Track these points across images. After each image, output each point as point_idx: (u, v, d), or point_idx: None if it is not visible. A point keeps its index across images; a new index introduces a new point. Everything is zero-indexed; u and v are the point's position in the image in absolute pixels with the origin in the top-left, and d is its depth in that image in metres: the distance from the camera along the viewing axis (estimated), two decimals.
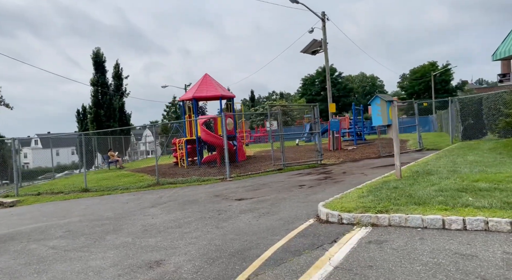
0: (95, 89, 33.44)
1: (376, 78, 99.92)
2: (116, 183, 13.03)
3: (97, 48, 34.19)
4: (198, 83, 15.75)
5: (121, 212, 7.94)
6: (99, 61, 33.93)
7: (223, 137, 11.42)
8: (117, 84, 37.88)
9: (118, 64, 38.28)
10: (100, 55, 33.98)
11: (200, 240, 4.61)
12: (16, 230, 7.16)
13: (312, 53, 18.30)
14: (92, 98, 33.39)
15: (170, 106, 46.46)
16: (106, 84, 34.47)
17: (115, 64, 38.05)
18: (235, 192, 8.60)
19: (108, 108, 33.85)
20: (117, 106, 35.03)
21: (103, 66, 34.60)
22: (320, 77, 68.10)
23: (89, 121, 34.19)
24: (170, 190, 10.65)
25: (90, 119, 33.78)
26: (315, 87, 69.74)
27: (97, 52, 33.80)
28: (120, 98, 37.85)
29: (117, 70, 38.07)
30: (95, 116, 33.30)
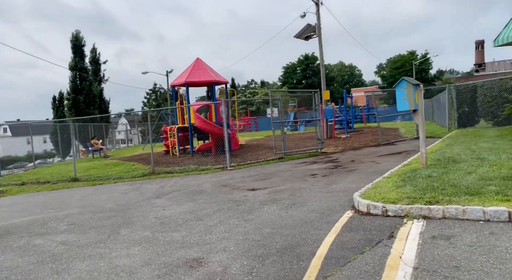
0: (73, 74, 31.92)
1: (355, 67, 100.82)
2: (107, 172, 12.40)
3: (77, 30, 32.55)
4: (190, 67, 15.11)
5: (123, 203, 7.44)
6: (79, 45, 32.34)
7: (223, 124, 10.97)
8: (95, 69, 36.36)
9: (95, 49, 36.65)
10: (79, 38, 32.38)
11: (233, 235, 4.24)
12: (9, 223, 6.55)
13: (306, 38, 17.96)
14: (71, 83, 31.89)
15: (150, 93, 45.19)
16: (85, 69, 32.97)
17: (92, 49, 36.42)
18: (243, 182, 8.23)
19: (87, 95, 32.46)
20: (96, 92, 33.65)
21: (82, 51, 33.04)
22: (302, 65, 67.92)
23: (67, 108, 32.72)
24: (168, 179, 10.17)
25: (68, 105, 32.34)
26: (296, 75, 69.57)
27: (77, 35, 32.18)
28: (99, 84, 36.42)
29: (94, 55, 36.47)
30: (74, 102, 31.87)
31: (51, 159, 41.03)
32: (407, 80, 5.84)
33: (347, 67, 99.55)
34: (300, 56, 68.75)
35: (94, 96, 33.25)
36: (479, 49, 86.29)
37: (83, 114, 30.10)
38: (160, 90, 44.69)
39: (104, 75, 38.69)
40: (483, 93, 13.51)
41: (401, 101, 5.85)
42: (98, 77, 36.66)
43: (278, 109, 11.13)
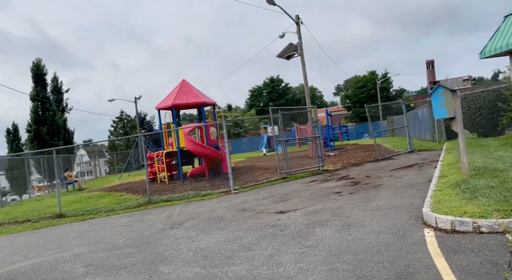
0: (35, 104, 30.01)
1: (315, 89, 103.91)
2: (93, 206, 11.33)
3: (38, 59, 30.90)
4: (176, 90, 14.55)
5: (136, 237, 6.64)
6: (40, 74, 30.65)
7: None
8: (57, 98, 34.57)
9: (56, 77, 35.05)
10: (41, 67, 30.74)
11: (311, 265, 3.71)
12: (7, 270, 5.56)
13: (287, 58, 18.01)
14: (32, 114, 29.89)
15: (117, 122, 43.43)
16: (48, 99, 31.17)
17: (53, 77, 34.78)
18: (261, 205, 7.69)
19: (51, 125, 30.53)
20: (61, 122, 31.79)
21: (44, 79, 31.34)
22: (268, 88, 68.93)
23: (28, 141, 30.51)
24: (170, 208, 9.39)
25: (30, 137, 30.16)
26: (263, 98, 70.33)
27: (38, 63, 30.52)
28: (62, 114, 34.55)
29: (56, 83, 34.81)
30: (36, 134, 29.79)
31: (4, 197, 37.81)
32: (444, 86, 5.74)
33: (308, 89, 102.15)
34: (265, 79, 69.91)
35: (59, 127, 31.40)
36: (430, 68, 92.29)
37: (48, 146, 28.08)
38: (127, 118, 43.10)
39: (67, 105, 36.93)
40: (466, 105, 14.00)
41: (438, 109, 5.71)
42: (60, 106, 34.84)
43: (278, 127, 10.78)
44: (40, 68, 30.75)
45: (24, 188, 28.34)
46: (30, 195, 29.21)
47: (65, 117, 34.61)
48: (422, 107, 19.19)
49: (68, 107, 37.05)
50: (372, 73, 59.06)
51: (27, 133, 30.13)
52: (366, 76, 60.09)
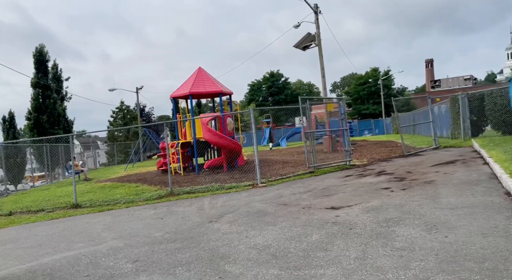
0: (36, 91, 29.16)
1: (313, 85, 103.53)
2: (109, 196, 10.79)
3: (41, 44, 29.99)
4: (193, 78, 13.98)
5: (174, 231, 6.15)
6: (43, 60, 29.74)
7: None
8: (57, 87, 33.66)
9: (56, 65, 34.10)
10: (44, 53, 29.81)
11: (429, 273, 3.17)
12: (41, 263, 5.05)
13: (304, 48, 17.53)
14: (33, 101, 29.04)
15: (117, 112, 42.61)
16: (49, 86, 30.28)
17: (53, 65, 33.81)
18: (303, 200, 7.22)
19: (51, 114, 29.71)
20: (61, 111, 30.98)
21: (46, 66, 30.45)
22: (267, 82, 68.32)
23: (28, 128, 29.68)
24: (197, 200, 8.89)
25: (29, 125, 29.33)
26: (262, 92, 69.73)
27: (41, 49, 29.61)
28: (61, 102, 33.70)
29: (56, 71, 33.88)
30: (36, 122, 28.97)
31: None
32: None
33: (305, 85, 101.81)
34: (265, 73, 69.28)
35: (59, 115, 30.60)
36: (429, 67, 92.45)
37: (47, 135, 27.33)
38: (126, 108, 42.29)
39: (66, 93, 36.08)
40: (492, 101, 13.65)
41: None
42: (60, 95, 33.97)
43: (306, 118, 10.31)
44: (43, 54, 29.86)
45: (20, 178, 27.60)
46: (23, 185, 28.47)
47: (65, 106, 33.80)
48: (440, 103, 18.83)
49: (68, 96, 36.26)
50: (374, 70, 58.79)
51: (26, 120, 29.30)
52: (368, 72, 59.79)
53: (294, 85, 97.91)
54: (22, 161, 24.64)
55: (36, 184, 24.99)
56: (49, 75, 31.14)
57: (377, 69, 59.23)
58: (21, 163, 24.37)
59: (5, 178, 20.16)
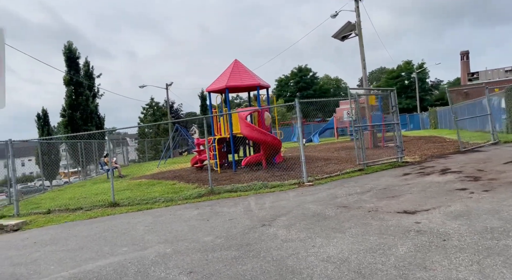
0: (69, 89, 29.57)
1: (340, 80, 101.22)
2: (147, 194, 10.38)
3: (69, 42, 30.37)
4: (229, 70, 13.39)
5: (225, 235, 5.55)
6: (73, 57, 30.11)
7: (298, 130, 9.22)
8: (89, 84, 34.07)
9: (88, 62, 34.42)
10: (73, 50, 30.17)
11: None
12: (84, 270, 4.56)
13: (342, 38, 16.60)
14: (67, 99, 29.47)
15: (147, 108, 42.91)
16: (81, 83, 30.65)
17: (85, 62, 34.17)
18: (365, 201, 6.47)
19: (84, 110, 30.08)
20: (93, 108, 31.33)
21: (77, 63, 30.80)
22: (295, 77, 67.23)
23: (63, 125, 30.21)
24: (241, 200, 8.29)
25: (64, 122, 29.82)
26: (290, 88, 68.70)
27: (69, 46, 29.96)
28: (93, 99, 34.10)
29: (88, 68, 34.25)
30: (70, 119, 29.40)
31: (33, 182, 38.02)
32: None
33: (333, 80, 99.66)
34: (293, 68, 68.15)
35: (91, 112, 30.93)
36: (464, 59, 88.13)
37: (81, 131, 27.68)
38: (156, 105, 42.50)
39: (98, 90, 36.49)
40: None
41: None
42: (92, 92, 34.37)
43: (355, 111, 9.48)
44: (72, 51, 30.21)
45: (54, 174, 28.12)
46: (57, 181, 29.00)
47: (97, 103, 34.21)
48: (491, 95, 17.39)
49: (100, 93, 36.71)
50: (407, 63, 56.51)
51: (61, 117, 29.79)
52: (401, 66, 57.56)
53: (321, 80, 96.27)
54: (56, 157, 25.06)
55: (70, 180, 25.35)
56: (81, 72, 31.50)
57: (410, 62, 56.94)
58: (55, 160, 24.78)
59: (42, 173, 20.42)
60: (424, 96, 52.59)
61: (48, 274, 4.75)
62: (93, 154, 22.83)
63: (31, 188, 29.72)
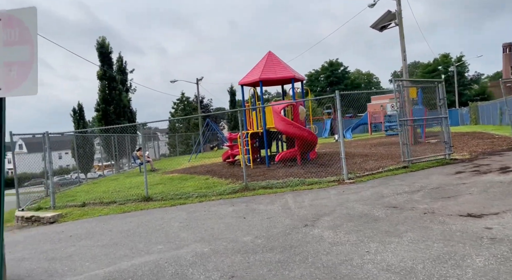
0: (103, 83, 30.15)
1: (372, 75, 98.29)
2: (180, 189, 10.18)
3: (102, 37, 30.87)
4: (263, 62, 12.97)
5: (265, 235, 5.17)
6: (105, 52, 30.63)
7: (338, 124, 8.68)
8: (122, 79, 34.63)
9: (121, 57, 34.91)
10: (106, 45, 30.68)
11: None
12: (118, 269, 4.31)
13: (381, 29, 15.75)
14: (100, 93, 30.07)
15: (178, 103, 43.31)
16: (114, 78, 31.16)
17: (118, 57, 34.70)
18: (416, 202, 5.89)
19: (117, 105, 30.60)
20: (126, 102, 31.83)
21: (109, 58, 31.31)
22: (326, 72, 65.87)
23: (97, 119, 30.91)
24: (277, 197, 7.89)
25: (98, 117, 30.49)
26: (320, 82, 67.43)
27: (102, 41, 30.48)
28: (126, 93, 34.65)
29: (121, 63, 34.80)
30: (104, 113, 30.00)
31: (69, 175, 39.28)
32: None
33: (364, 75, 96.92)
34: (324, 62, 66.75)
35: (124, 106, 31.41)
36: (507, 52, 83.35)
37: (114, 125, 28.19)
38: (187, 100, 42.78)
39: (131, 85, 37.04)
40: None
41: None
42: (124, 86, 34.93)
43: (400, 103, 8.82)
44: (105, 46, 30.72)
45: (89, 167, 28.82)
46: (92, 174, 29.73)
47: (129, 97, 34.75)
48: None
49: (132, 88, 37.29)
50: (445, 56, 53.91)
51: (95, 112, 30.46)
52: (437, 59, 55.00)
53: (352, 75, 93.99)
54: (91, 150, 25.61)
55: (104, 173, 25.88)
56: (114, 67, 32.03)
57: (447, 55, 54.28)
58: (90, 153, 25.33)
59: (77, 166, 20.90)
60: (463, 91, 50.02)
61: (82, 272, 4.55)
62: (126, 148, 23.13)
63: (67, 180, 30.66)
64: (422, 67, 59.32)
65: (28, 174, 26.52)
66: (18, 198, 10.06)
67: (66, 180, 31.88)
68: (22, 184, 17.66)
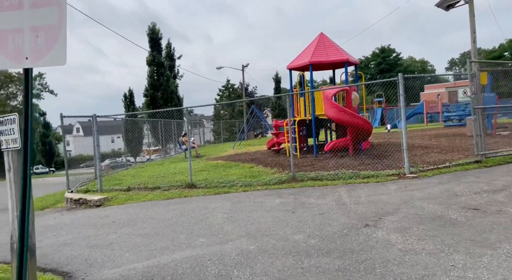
0: (151, 69, 30.66)
1: (427, 62, 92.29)
2: (224, 177, 9.77)
3: (153, 23, 31.38)
4: (313, 45, 12.12)
5: (318, 234, 4.55)
6: (156, 38, 31.03)
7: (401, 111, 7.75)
8: (170, 65, 35.03)
9: (170, 44, 35.29)
10: (156, 31, 31.07)
11: None
12: (158, 263, 3.90)
13: (447, 7, 14.17)
14: (149, 79, 30.65)
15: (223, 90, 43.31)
16: (162, 64, 31.57)
17: (167, 44, 35.09)
18: (501, 204, 4.97)
19: (165, 91, 31.03)
20: (174, 88, 32.20)
21: (159, 44, 31.74)
22: (377, 58, 62.70)
23: (145, 105, 31.62)
24: (328, 190, 7.20)
25: (146, 102, 31.15)
26: (370, 70, 64.36)
27: (153, 27, 30.89)
28: (174, 80, 35.05)
29: (169, 49, 35.16)
30: (152, 99, 30.59)
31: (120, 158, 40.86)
32: None
33: (418, 62, 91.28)
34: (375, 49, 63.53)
35: (172, 92, 31.81)
36: None
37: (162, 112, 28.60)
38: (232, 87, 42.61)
39: (178, 71, 37.43)
40: None
41: None
42: (172, 73, 35.33)
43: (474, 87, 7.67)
44: (156, 32, 31.10)
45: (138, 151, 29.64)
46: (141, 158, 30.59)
47: (177, 84, 35.16)
48: None
49: (179, 74, 37.69)
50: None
51: (144, 97, 31.13)
52: (503, 44, 50.22)
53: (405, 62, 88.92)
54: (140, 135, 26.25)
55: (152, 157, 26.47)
56: (163, 53, 32.43)
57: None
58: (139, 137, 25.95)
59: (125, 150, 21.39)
60: None
61: (121, 264, 4.22)
62: (172, 133, 23.36)
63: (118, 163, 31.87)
64: (485, 53, 54.52)
65: (84, 156, 27.74)
66: (67, 179, 10.21)
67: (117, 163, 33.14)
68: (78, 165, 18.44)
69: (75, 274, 4.08)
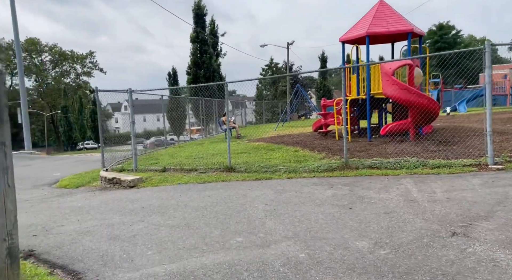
0: (194, 46, 30.08)
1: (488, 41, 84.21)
2: (265, 161, 8.84)
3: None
4: (371, 14, 10.64)
5: (388, 241, 3.50)
6: (201, 14, 30.26)
7: (486, 88, 6.29)
8: (213, 42, 34.24)
9: (213, 21, 34.46)
10: (201, 6, 30.26)
11: None
12: (183, 268, 3.07)
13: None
14: (192, 56, 30.14)
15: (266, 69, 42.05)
16: (205, 41, 30.86)
17: (211, 21, 34.26)
18: None
19: (207, 69, 30.42)
20: (216, 66, 31.51)
21: (203, 20, 30.97)
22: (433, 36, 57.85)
23: (188, 83, 31.27)
24: (389, 181, 6.04)
25: (189, 80, 30.76)
26: None
27: (199, 3, 30.10)
28: (216, 58, 34.30)
29: (213, 27, 34.32)
30: (194, 77, 30.14)
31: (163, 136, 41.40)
32: None
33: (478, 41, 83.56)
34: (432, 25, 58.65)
35: (214, 71, 31.15)
36: None
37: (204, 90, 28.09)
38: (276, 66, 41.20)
39: (221, 49, 36.63)
40: None
41: None
42: (215, 51, 34.58)
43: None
44: (201, 8, 30.33)
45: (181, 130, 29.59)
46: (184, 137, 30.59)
47: (219, 62, 34.43)
48: None
49: (222, 52, 36.91)
50: None
51: (187, 75, 30.76)
52: None
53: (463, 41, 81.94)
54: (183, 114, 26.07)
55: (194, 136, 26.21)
56: (206, 30, 31.69)
57: None
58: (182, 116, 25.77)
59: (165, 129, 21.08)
60: None
61: (140, 266, 3.45)
62: (213, 112, 22.78)
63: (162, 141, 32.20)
64: None
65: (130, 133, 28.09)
66: (103, 157, 9.80)
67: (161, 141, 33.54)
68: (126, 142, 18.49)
69: (85, 276, 3.37)
